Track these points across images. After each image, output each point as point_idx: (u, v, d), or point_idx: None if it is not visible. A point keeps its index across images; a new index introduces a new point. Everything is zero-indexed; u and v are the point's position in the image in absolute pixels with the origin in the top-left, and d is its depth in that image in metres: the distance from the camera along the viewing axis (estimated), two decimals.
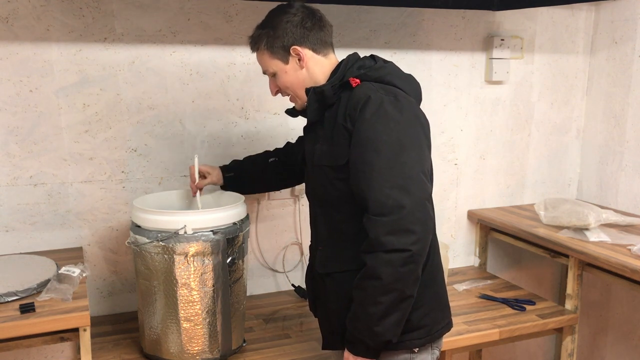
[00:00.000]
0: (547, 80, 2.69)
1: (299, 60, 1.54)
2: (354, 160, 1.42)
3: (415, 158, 1.39)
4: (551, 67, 2.68)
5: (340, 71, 1.53)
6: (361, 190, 1.40)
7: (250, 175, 1.93)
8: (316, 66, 1.55)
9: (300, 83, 1.56)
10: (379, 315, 1.38)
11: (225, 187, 1.94)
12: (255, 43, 1.59)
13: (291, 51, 1.53)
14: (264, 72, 1.63)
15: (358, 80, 1.48)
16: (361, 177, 1.40)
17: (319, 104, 1.52)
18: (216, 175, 1.91)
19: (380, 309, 1.38)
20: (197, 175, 1.86)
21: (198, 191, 1.88)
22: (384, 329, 1.39)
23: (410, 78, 1.56)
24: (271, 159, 1.92)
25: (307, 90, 1.53)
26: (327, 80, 1.55)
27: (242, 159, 1.97)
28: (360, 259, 1.41)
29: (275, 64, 1.57)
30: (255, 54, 1.62)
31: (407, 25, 2.38)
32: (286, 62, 1.55)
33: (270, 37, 1.54)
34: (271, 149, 1.99)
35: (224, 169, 1.93)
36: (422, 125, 1.45)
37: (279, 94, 1.65)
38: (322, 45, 1.56)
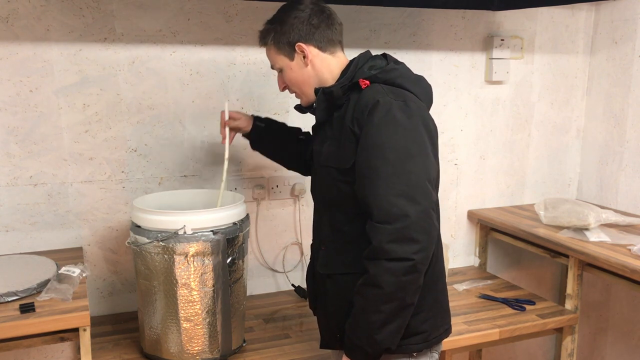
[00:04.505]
0: (547, 80, 2.69)
1: (304, 57, 1.53)
2: (360, 165, 1.41)
3: (421, 166, 1.38)
4: (551, 67, 2.68)
5: (351, 71, 1.51)
6: (366, 196, 1.38)
7: (277, 136, 1.88)
8: (322, 64, 1.54)
9: (306, 80, 1.55)
10: (380, 324, 1.38)
11: (250, 136, 1.88)
12: (263, 37, 1.59)
13: (296, 48, 1.52)
14: (272, 67, 1.63)
15: (368, 82, 1.46)
16: (366, 183, 1.38)
17: (327, 104, 1.51)
18: (246, 121, 1.85)
19: (381, 317, 1.37)
20: (227, 117, 1.81)
21: (227, 135, 1.82)
22: (383, 337, 1.39)
23: (421, 80, 1.54)
24: (301, 136, 1.90)
25: (317, 90, 1.52)
26: (337, 80, 1.53)
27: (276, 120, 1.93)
28: (362, 262, 1.40)
29: (282, 60, 1.56)
30: (264, 49, 1.62)
31: (407, 25, 2.38)
32: (292, 58, 1.55)
33: (277, 33, 1.54)
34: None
35: (257, 118, 1.88)
36: (429, 131, 1.44)
37: (287, 90, 1.64)
38: (329, 44, 1.54)
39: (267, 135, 1.88)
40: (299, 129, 1.94)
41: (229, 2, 2.12)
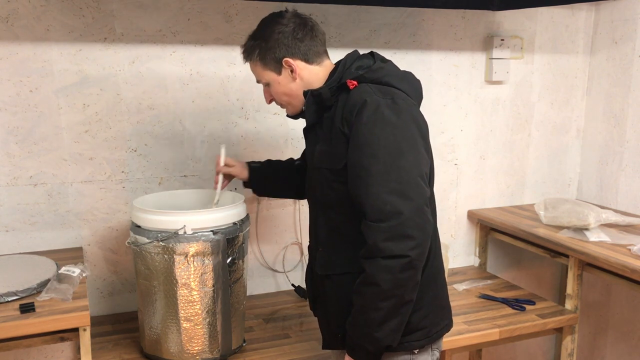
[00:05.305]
0: (547, 80, 2.69)
1: (292, 71, 1.53)
2: (351, 164, 1.41)
3: (412, 162, 1.38)
4: (551, 67, 2.68)
5: (338, 72, 1.51)
6: (359, 195, 1.39)
7: (275, 172, 1.87)
8: (310, 76, 1.54)
9: (294, 93, 1.56)
10: (379, 321, 1.38)
11: (251, 182, 1.85)
12: (248, 54, 1.59)
13: (283, 63, 1.52)
14: (258, 82, 1.63)
15: (355, 82, 1.46)
16: (359, 182, 1.39)
17: (316, 106, 1.51)
18: (240, 168, 1.83)
19: (380, 315, 1.37)
20: (222, 163, 1.80)
21: (220, 182, 1.81)
22: (384, 335, 1.39)
23: (409, 76, 1.54)
24: (297, 162, 1.87)
25: (305, 93, 1.52)
26: (325, 83, 1.53)
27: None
28: (359, 261, 1.40)
29: (268, 75, 1.56)
30: (247, 64, 1.62)
31: (407, 25, 2.38)
32: (279, 73, 1.54)
33: (262, 49, 1.53)
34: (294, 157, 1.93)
35: (251, 162, 1.86)
36: (419, 127, 1.44)
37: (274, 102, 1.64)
38: (315, 55, 1.54)
39: (268, 176, 1.86)
40: (292, 159, 1.92)
41: (229, 2, 2.12)
